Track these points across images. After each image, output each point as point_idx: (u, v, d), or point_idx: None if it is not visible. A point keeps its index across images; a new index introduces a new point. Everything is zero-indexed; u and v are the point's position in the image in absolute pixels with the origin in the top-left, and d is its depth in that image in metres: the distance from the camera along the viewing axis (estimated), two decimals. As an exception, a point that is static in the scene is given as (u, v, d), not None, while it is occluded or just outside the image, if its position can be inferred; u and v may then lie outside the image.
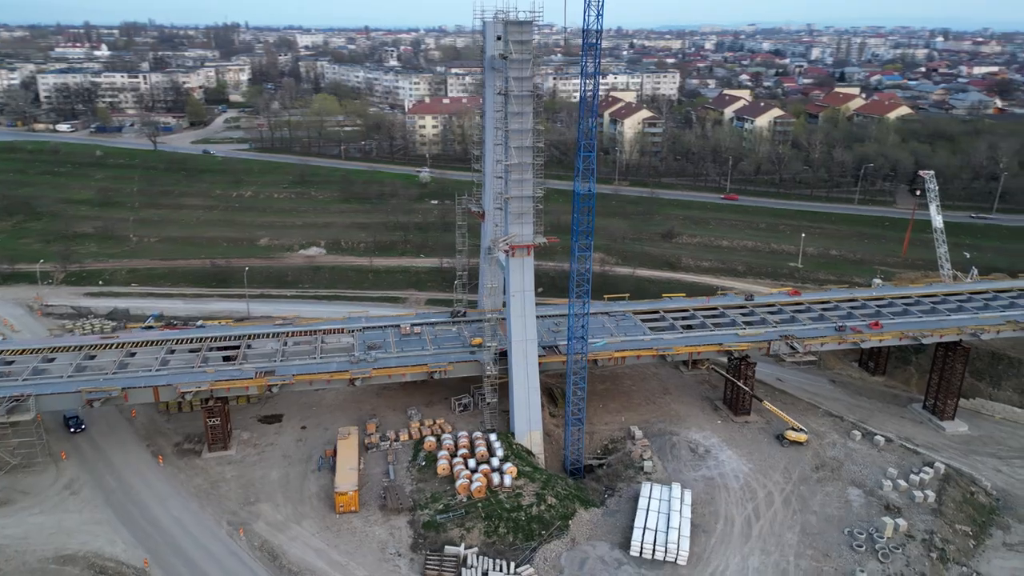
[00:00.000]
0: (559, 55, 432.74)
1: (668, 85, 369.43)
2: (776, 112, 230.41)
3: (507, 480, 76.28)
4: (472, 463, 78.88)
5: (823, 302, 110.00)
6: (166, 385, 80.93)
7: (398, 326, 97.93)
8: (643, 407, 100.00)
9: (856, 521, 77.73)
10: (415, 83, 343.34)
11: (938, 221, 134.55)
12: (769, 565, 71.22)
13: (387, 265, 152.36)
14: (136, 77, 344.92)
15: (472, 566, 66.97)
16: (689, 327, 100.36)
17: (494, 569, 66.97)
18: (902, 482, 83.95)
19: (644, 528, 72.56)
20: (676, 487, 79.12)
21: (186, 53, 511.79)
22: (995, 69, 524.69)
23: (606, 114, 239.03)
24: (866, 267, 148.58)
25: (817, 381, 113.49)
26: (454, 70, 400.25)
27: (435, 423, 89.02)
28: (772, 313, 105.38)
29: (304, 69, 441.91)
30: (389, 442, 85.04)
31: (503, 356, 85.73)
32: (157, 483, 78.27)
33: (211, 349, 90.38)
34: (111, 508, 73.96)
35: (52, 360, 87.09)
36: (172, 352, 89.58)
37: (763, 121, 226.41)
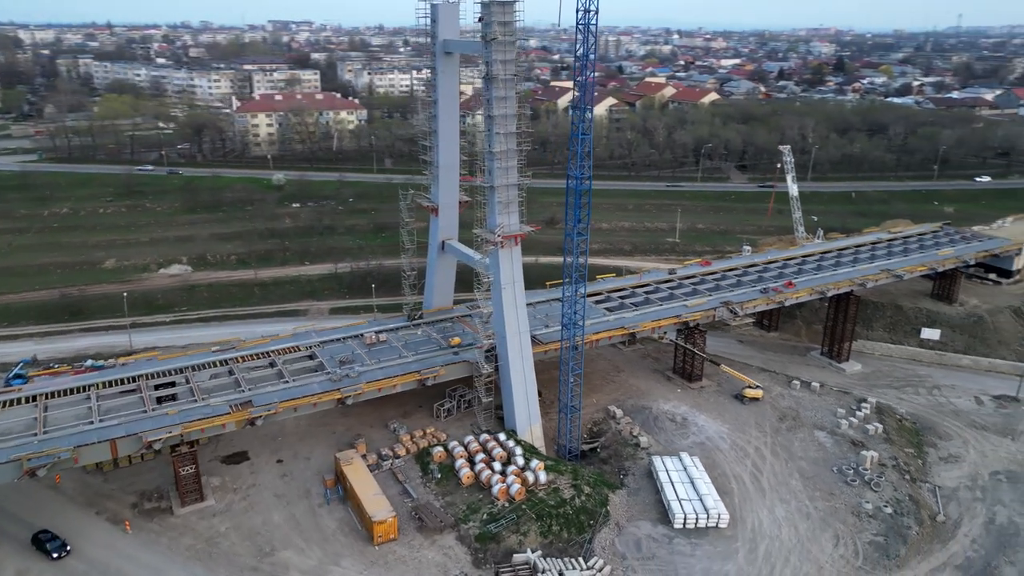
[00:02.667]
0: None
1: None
2: (611, 100, 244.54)
3: (541, 477, 73.87)
4: (497, 466, 75.25)
5: (731, 269, 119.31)
6: (126, 436, 67.50)
7: (360, 336, 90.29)
8: (606, 387, 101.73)
9: (836, 459, 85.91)
10: (215, 81, 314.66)
11: (794, 190, 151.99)
12: (793, 512, 76.44)
13: (273, 276, 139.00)
14: None
15: (546, 570, 64.09)
16: (635, 305, 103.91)
17: (567, 568, 64.65)
18: (852, 419, 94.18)
19: (679, 500, 74.27)
20: (685, 456, 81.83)
21: None
22: (739, 61, 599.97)
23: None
24: (731, 236, 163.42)
25: (728, 343, 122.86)
26: (246, 67, 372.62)
27: (426, 432, 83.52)
28: (697, 284, 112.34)
29: (65, 68, 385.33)
30: (390, 460, 78.32)
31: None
32: (137, 554, 65.07)
33: (152, 388, 76.91)
34: (95, 594, 60.39)
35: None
36: (101, 399, 74.82)
37: (600, 109, 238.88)
